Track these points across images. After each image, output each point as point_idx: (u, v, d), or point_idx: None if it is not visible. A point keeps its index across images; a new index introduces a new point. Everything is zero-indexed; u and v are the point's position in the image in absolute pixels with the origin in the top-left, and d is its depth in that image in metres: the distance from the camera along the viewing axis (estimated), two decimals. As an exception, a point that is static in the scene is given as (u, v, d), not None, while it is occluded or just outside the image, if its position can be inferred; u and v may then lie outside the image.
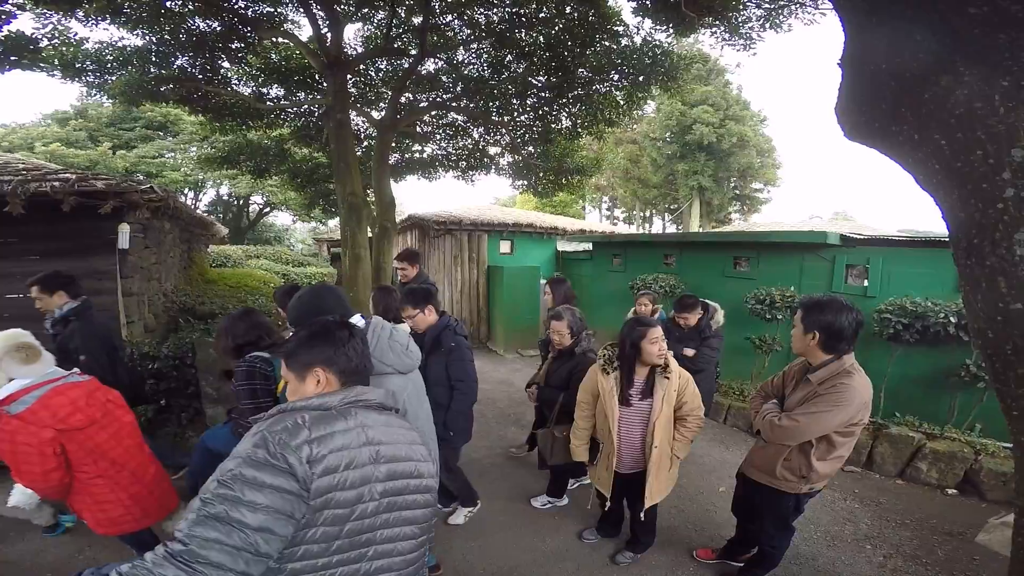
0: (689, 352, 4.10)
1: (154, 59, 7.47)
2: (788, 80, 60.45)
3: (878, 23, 1.32)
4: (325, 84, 7.91)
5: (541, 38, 7.63)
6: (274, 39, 8.14)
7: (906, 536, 3.35)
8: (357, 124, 11.07)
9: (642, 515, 2.81)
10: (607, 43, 7.44)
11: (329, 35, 7.23)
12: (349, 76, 8.76)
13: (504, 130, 9.93)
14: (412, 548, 1.28)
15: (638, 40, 7.47)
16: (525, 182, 10.81)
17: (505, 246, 9.89)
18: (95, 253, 4.87)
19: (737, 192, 25.23)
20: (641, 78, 7.68)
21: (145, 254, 5.79)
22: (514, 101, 9.02)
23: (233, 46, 7.89)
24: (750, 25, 6.95)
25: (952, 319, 4.05)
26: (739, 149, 22.31)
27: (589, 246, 9.39)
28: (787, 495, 2.36)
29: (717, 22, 6.89)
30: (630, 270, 7.64)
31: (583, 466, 3.07)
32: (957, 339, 4.10)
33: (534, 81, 8.53)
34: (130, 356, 4.17)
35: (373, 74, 9.66)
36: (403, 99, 9.22)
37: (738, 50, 8.49)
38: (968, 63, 1.15)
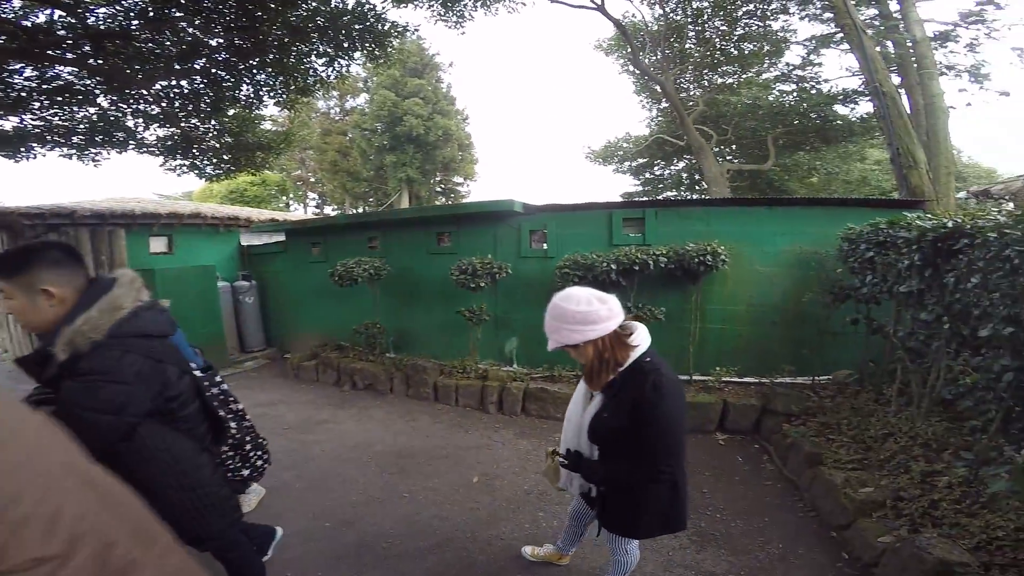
0: None
1: None
2: (487, 89, 68.25)
3: None
4: None
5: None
6: None
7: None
8: None
9: None
10: (315, 3, 6.46)
11: None
12: None
13: (151, 98, 7.49)
14: None
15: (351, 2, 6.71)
16: (184, 162, 8.48)
17: (159, 244, 7.53)
18: None
19: (442, 186, 26.71)
20: (347, 43, 6.96)
21: None
22: (176, 65, 6.88)
23: None
24: (464, 2, 7.19)
25: (613, 266, 4.62)
26: (444, 143, 23.50)
27: (282, 237, 7.97)
28: None
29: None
30: (332, 259, 6.68)
31: None
32: (618, 285, 4.71)
33: (208, 40, 6.73)
34: None
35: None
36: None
37: (450, 27, 8.82)
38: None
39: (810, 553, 2.64)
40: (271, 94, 7.89)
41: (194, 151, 8.43)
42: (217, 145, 8.33)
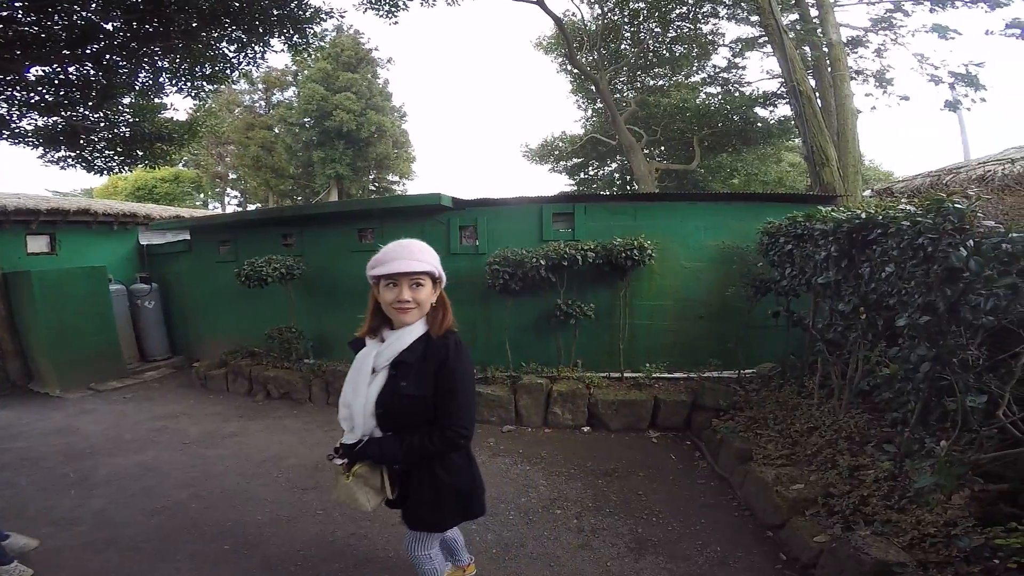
0: None
1: None
2: (429, 87, 66.12)
3: None
4: None
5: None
6: None
7: (578, 487, 3.37)
8: None
9: None
10: None
11: None
12: None
13: (31, 84, 6.49)
14: None
15: None
16: (70, 154, 7.44)
17: (38, 243, 6.58)
18: None
19: (376, 184, 25.71)
20: (262, 28, 6.41)
21: None
22: (65, 51, 5.98)
23: None
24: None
25: (542, 262, 4.43)
26: (377, 139, 22.53)
27: (187, 235, 7.19)
28: None
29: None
30: (242, 258, 6.06)
31: None
32: (548, 281, 4.53)
33: (104, 25, 5.98)
34: None
35: None
36: None
37: (381, 15, 8.38)
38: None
39: (748, 555, 2.56)
40: (173, 81, 7.11)
41: (81, 142, 7.43)
42: (109, 136, 7.37)
